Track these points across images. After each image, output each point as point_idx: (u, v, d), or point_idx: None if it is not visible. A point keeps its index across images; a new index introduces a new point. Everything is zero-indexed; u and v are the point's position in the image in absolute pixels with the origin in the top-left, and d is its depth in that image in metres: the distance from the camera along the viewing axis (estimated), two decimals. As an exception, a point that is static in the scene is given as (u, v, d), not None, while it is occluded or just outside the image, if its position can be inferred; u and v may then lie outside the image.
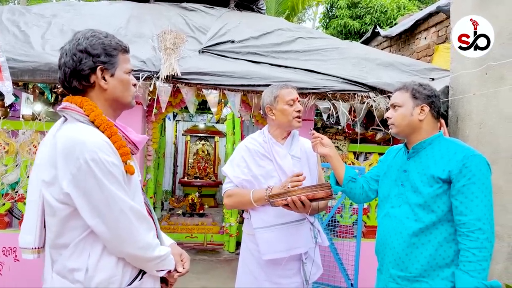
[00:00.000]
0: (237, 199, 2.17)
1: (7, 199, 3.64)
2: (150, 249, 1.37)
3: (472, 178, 1.70)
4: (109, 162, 1.28)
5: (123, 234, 1.31)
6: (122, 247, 1.33)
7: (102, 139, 1.31)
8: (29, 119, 3.81)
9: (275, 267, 2.15)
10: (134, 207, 1.34)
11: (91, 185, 1.26)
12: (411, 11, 10.20)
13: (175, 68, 3.60)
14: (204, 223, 6.13)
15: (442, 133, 1.92)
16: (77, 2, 5.97)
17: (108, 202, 1.28)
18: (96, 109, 1.38)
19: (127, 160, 1.37)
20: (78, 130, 1.32)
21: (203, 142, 9.24)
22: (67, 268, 1.31)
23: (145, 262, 1.39)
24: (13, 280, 3.55)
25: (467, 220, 1.68)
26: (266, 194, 2.05)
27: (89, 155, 1.25)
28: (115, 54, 1.44)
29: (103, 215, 1.28)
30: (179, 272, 1.51)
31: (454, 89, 3.57)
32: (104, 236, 1.30)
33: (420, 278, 1.79)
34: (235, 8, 5.66)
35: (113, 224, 1.29)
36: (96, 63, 1.39)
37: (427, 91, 1.89)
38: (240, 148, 2.28)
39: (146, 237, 1.37)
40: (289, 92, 2.20)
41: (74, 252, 1.31)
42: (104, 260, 1.33)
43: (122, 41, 1.49)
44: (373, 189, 2.14)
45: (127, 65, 1.49)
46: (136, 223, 1.34)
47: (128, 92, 1.49)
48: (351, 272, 3.78)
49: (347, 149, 4.39)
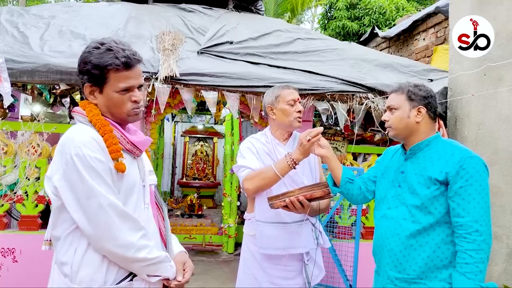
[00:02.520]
0: (260, 177, 2.06)
1: (5, 200, 3.63)
2: (132, 249, 1.35)
3: (469, 179, 1.70)
4: (91, 157, 1.33)
5: (102, 229, 1.33)
6: (102, 243, 1.34)
7: (91, 136, 1.37)
8: (28, 120, 3.80)
9: (276, 268, 2.15)
10: (115, 204, 1.34)
11: (74, 178, 1.32)
12: (409, 12, 10.20)
13: (174, 69, 3.60)
14: (202, 224, 6.13)
15: (439, 134, 1.92)
16: (76, 3, 5.97)
17: (88, 195, 1.32)
18: (95, 110, 1.44)
19: (118, 158, 1.39)
20: (74, 129, 1.41)
21: (202, 143, 9.22)
22: (59, 261, 1.37)
23: (128, 262, 1.37)
24: (12, 281, 3.53)
25: (464, 221, 1.68)
26: (288, 160, 2.01)
27: (74, 150, 1.32)
28: (103, 73, 1.41)
29: (84, 209, 1.32)
30: (178, 281, 1.45)
31: (452, 90, 3.58)
32: (85, 230, 1.33)
33: (418, 280, 1.79)
34: (233, 9, 5.66)
35: (93, 218, 1.32)
36: (83, 80, 1.45)
37: (422, 92, 1.88)
38: (245, 145, 2.27)
39: (129, 236, 1.35)
40: (290, 92, 2.21)
41: (64, 245, 1.37)
42: (89, 256, 1.35)
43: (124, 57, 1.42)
44: (371, 190, 2.13)
45: (121, 83, 1.43)
46: (117, 220, 1.34)
47: (120, 109, 1.46)
48: (349, 273, 3.78)
49: (345, 150, 4.39)
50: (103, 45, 1.42)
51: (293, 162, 2.01)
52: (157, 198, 1.64)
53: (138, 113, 1.50)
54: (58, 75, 3.43)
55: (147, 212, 1.51)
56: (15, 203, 3.69)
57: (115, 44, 1.43)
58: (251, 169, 2.14)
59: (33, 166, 3.67)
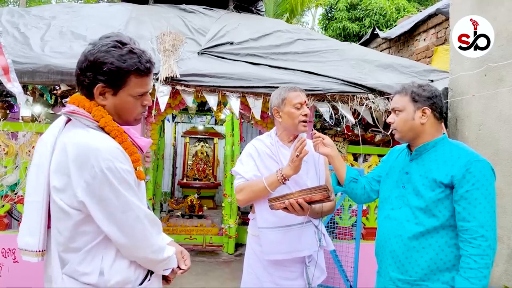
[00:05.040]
0: (250, 190, 2.11)
1: (6, 201, 3.64)
2: (162, 252, 1.41)
3: (475, 183, 1.67)
4: (124, 170, 1.29)
5: (139, 239, 1.34)
6: (137, 252, 1.36)
7: (115, 146, 1.31)
8: (29, 121, 3.80)
9: (278, 269, 2.15)
10: (148, 213, 1.37)
11: (106, 193, 1.26)
12: (410, 13, 10.20)
13: (174, 70, 3.60)
14: (203, 224, 6.13)
15: (446, 136, 1.89)
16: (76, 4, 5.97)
17: (124, 209, 1.29)
18: (106, 115, 1.35)
19: (138, 166, 1.38)
20: (90, 137, 1.30)
21: (202, 144, 9.22)
22: (79, 272, 1.31)
23: (156, 264, 1.43)
24: (12, 282, 3.53)
25: (470, 226, 1.65)
26: (278, 175, 2.04)
27: (105, 164, 1.24)
28: (125, 77, 1.35)
29: (119, 222, 1.29)
30: (182, 269, 1.55)
31: (453, 90, 3.58)
32: (120, 242, 1.31)
33: (420, 282, 1.77)
34: (234, 10, 5.66)
35: (129, 231, 1.31)
36: (97, 81, 1.33)
37: (427, 93, 1.84)
38: (249, 148, 2.28)
39: (158, 240, 1.41)
40: (297, 95, 2.19)
41: (86, 257, 1.32)
42: (118, 263, 1.35)
43: (146, 61, 1.38)
44: (375, 190, 2.11)
45: (139, 88, 1.39)
46: (150, 228, 1.37)
47: (130, 113, 1.43)
48: (350, 273, 3.78)
49: (346, 150, 4.39)
50: (124, 46, 1.34)
51: (283, 178, 2.04)
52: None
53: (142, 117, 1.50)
54: (58, 76, 3.43)
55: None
56: (16, 203, 3.69)
57: (135, 46, 1.37)
58: (244, 179, 2.17)
59: (34, 167, 3.67)
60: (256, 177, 2.16)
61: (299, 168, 2.04)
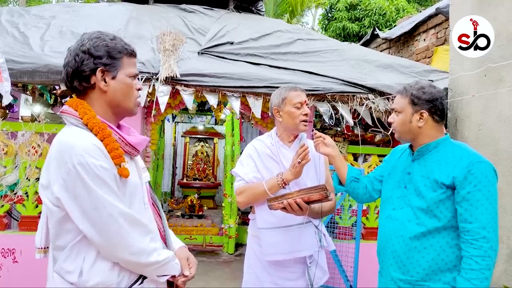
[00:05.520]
0: (249, 193, 2.12)
1: (6, 201, 3.63)
2: (144, 254, 1.34)
3: (477, 185, 1.67)
4: (96, 165, 1.27)
5: (114, 239, 1.29)
6: (114, 252, 1.31)
7: (92, 142, 1.30)
8: (28, 121, 3.80)
9: (278, 269, 2.15)
10: (125, 212, 1.31)
11: (79, 189, 1.26)
12: (410, 13, 10.21)
13: (174, 70, 3.60)
14: (203, 224, 6.13)
15: (448, 136, 1.88)
16: (76, 4, 5.97)
17: (96, 206, 1.27)
18: (90, 112, 1.37)
19: (121, 163, 1.34)
20: (70, 134, 1.33)
21: (202, 144, 9.21)
22: (64, 270, 1.32)
23: (141, 267, 1.37)
24: (12, 282, 3.53)
25: (472, 227, 1.65)
26: (278, 180, 2.05)
27: (76, 159, 1.25)
28: (119, 57, 1.42)
29: (92, 220, 1.27)
30: (185, 276, 1.47)
31: (453, 90, 3.58)
32: (95, 240, 1.29)
33: (422, 282, 1.77)
34: (234, 10, 5.66)
35: (103, 229, 1.28)
36: (97, 65, 1.38)
37: (427, 96, 1.81)
38: (249, 149, 2.28)
39: (140, 242, 1.33)
40: (297, 94, 2.19)
41: (70, 255, 1.32)
42: (99, 264, 1.32)
43: (129, 45, 1.47)
44: (377, 189, 2.11)
45: (132, 69, 1.47)
46: (128, 228, 1.31)
47: (129, 97, 1.47)
48: (350, 273, 3.78)
49: (346, 150, 4.39)
50: (106, 35, 1.44)
51: (283, 183, 2.05)
52: (152, 195, 1.61)
53: (139, 105, 1.52)
54: (58, 76, 3.42)
55: (147, 212, 1.49)
56: (15, 203, 3.69)
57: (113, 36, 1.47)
58: (244, 181, 2.17)
59: (34, 167, 3.67)
60: (256, 179, 2.16)
61: (300, 174, 2.05)
